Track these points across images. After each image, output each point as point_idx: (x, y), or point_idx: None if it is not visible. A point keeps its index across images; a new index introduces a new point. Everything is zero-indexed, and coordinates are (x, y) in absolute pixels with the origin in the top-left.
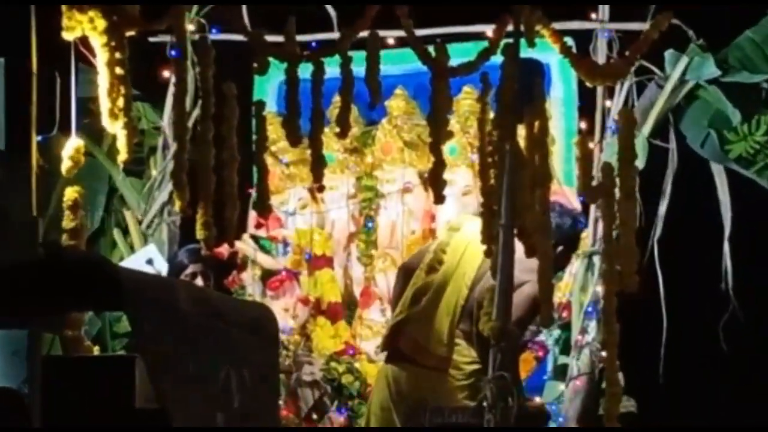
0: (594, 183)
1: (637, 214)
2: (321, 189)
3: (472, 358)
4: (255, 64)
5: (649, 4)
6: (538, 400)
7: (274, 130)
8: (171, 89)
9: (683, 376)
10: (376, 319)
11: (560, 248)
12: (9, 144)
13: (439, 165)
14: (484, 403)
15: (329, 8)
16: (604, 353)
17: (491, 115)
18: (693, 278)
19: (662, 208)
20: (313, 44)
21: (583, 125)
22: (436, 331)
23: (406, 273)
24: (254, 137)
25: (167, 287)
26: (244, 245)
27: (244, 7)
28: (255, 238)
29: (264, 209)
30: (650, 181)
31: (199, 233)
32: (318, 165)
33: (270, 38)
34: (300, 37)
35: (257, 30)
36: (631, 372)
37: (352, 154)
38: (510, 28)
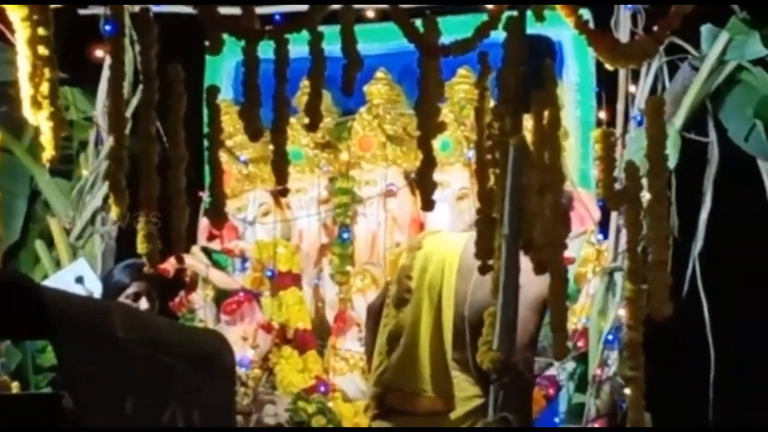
0: (617, 185)
1: (669, 224)
2: (285, 192)
3: (473, 392)
4: (206, 42)
5: None
6: None
7: (230, 121)
8: (106, 72)
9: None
10: (354, 349)
11: None
12: None
13: (429, 163)
14: None
15: None
16: (627, 390)
17: (491, 103)
18: (742, 300)
19: (703, 214)
20: (277, 17)
21: (603, 115)
22: (422, 372)
23: (375, 317)
24: (206, 130)
25: (100, 311)
26: (194, 260)
27: None
28: (207, 252)
29: (218, 217)
30: (685, 184)
31: (141, 246)
32: (282, 163)
33: (224, 10)
34: (260, 10)
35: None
36: (659, 414)
37: (323, 150)
38: None
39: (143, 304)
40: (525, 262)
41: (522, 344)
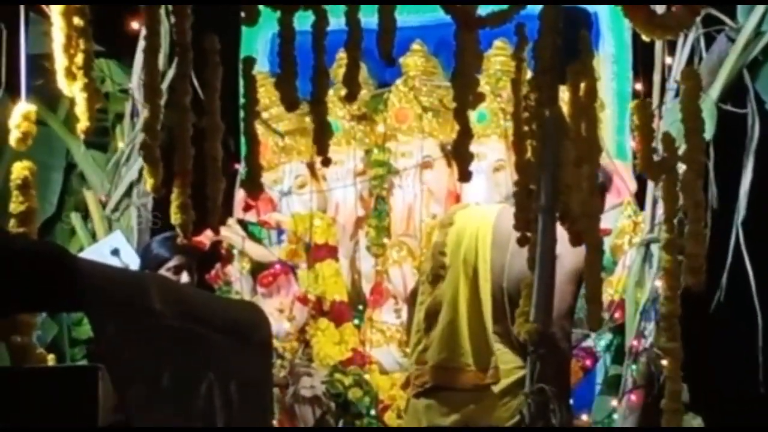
0: (654, 157)
1: (706, 194)
2: (327, 162)
3: (515, 364)
4: (242, 13)
5: None
6: (585, 418)
7: (266, 93)
8: (141, 44)
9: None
10: (390, 321)
11: None
12: None
13: (465, 135)
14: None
15: None
16: (664, 362)
17: (528, 74)
18: None
19: (745, 184)
20: None
21: (639, 87)
22: (464, 347)
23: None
24: (242, 102)
25: (137, 284)
26: (230, 232)
27: None
28: (243, 224)
29: (254, 188)
30: (725, 154)
31: (175, 217)
32: (322, 134)
33: None
34: None
35: None
36: (696, 385)
37: (360, 122)
38: None
39: (184, 277)
40: (561, 233)
41: (559, 315)
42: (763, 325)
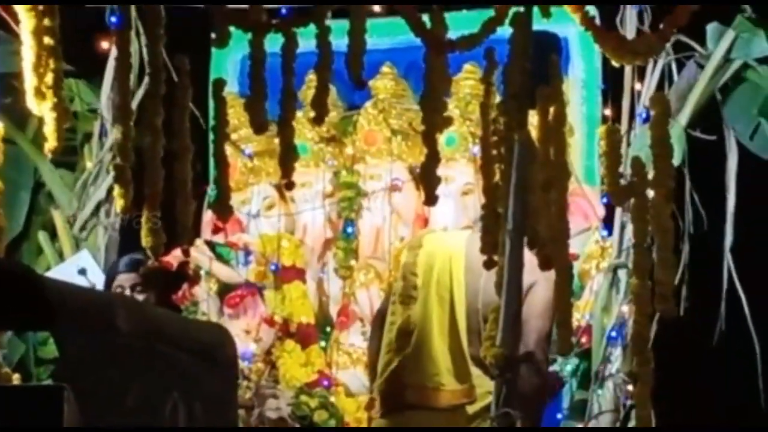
0: (622, 181)
1: (672, 220)
2: (291, 186)
3: (488, 387)
4: (213, 35)
5: None
6: None
7: (236, 114)
8: (111, 63)
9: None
10: (357, 344)
11: None
12: None
13: (434, 158)
14: None
15: None
16: (630, 387)
17: (497, 98)
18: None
19: (729, 209)
20: (284, 11)
21: (608, 112)
22: (440, 366)
23: (382, 320)
24: (212, 123)
25: (103, 303)
26: (198, 253)
27: None
28: (211, 245)
29: (223, 210)
30: (705, 181)
31: (145, 240)
32: (288, 156)
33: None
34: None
35: None
36: (664, 411)
37: (328, 144)
38: None
39: (144, 295)
40: (535, 260)
41: (536, 342)
42: (761, 349)
